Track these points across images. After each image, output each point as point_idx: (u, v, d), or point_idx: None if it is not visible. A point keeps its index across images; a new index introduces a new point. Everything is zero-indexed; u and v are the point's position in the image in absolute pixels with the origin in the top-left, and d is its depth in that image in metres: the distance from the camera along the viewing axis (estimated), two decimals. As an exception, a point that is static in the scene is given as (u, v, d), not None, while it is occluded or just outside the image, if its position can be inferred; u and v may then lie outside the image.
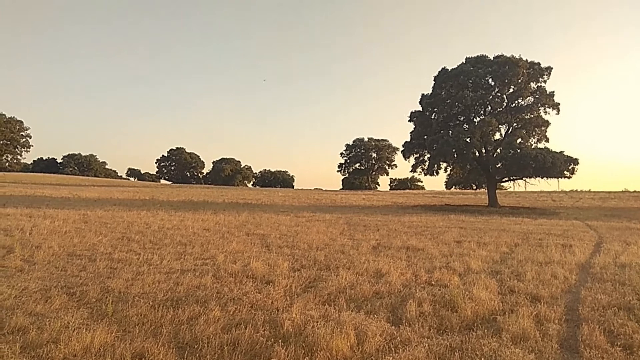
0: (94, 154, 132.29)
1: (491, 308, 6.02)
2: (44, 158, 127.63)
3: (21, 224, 13.91)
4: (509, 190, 64.78)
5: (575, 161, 33.50)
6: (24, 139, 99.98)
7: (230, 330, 4.93)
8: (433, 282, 7.73)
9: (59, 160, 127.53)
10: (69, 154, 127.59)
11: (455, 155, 36.75)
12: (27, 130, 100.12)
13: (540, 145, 37.28)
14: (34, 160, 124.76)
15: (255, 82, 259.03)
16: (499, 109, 37.69)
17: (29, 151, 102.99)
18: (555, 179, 35.20)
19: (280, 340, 4.61)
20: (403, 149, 42.09)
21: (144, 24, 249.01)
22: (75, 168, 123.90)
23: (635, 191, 58.78)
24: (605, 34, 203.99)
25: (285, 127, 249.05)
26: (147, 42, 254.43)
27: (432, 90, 40.28)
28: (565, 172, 33.51)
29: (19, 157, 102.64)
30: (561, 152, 34.03)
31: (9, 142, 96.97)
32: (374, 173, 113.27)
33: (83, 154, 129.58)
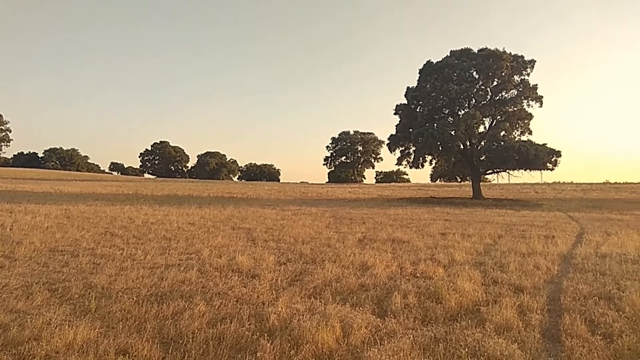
0: (76, 148, 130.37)
1: (475, 299, 6.08)
2: (25, 152, 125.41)
3: (1, 220, 13.64)
4: (493, 182, 65.42)
5: (558, 153, 33.93)
6: (3, 133, 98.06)
7: (216, 324, 4.91)
8: (418, 274, 7.78)
9: (40, 155, 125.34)
10: (50, 148, 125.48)
11: (440, 148, 36.98)
12: (6, 124, 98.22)
13: (524, 138, 37.74)
14: (14, 155, 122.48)
15: (241, 76, 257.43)
16: (483, 102, 38.00)
17: (9, 145, 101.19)
18: (538, 171, 35.68)
19: (266, 334, 4.61)
20: (389, 142, 42.21)
21: (129, 21, 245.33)
22: (57, 162, 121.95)
23: (616, 183, 59.91)
24: (588, 29, 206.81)
25: (272, 121, 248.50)
26: (132, 38, 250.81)
27: (418, 83, 40.41)
28: (548, 165, 33.96)
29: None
30: (544, 144, 34.44)
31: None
32: (359, 166, 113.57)
33: (65, 148, 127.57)
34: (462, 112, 37.95)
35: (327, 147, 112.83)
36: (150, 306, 5.51)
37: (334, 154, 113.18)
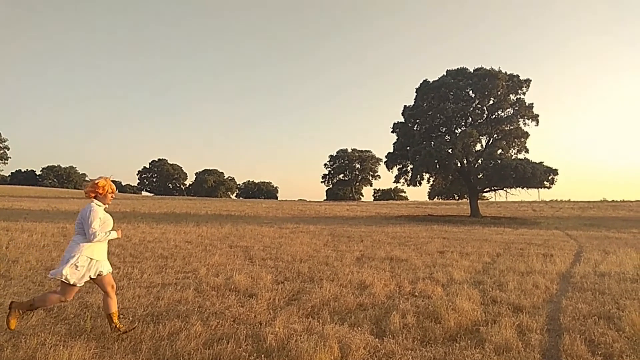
0: (74, 166, 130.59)
1: (474, 319, 6.03)
2: (23, 170, 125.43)
3: (-3, 238, 13.55)
4: (490, 200, 65.68)
5: (555, 171, 34.12)
6: (1, 151, 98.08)
7: (212, 345, 4.84)
8: (417, 293, 7.73)
9: (37, 172, 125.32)
10: (48, 166, 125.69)
11: (438, 166, 37.15)
12: (4, 141, 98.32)
13: (520, 156, 37.96)
14: (12, 173, 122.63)
15: (239, 92, 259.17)
16: (479, 121, 38.33)
17: (6, 163, 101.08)
18: (536, 189, 35.81)
19: (262, 355, 4.54)
20: (386, 159, 42.41)
21: (125, 33, 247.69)
22: (55, 180, 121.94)
23: (613, 201, 60.15)
24: (585, 49, 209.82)
25: (269, 138, 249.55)
26: (129, 52, 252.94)
27: (414, 102, 40.80)
28: (545, 183, 34.13)
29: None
30: (541, 162, 34.64)
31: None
32: (357, 184, 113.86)
33: (63, 166, 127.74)
34: (459, 130, 38.25)
35: (325, 164, 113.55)
36: (146, 326, 5.45)
37: (332, 172, 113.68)
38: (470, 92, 38.25)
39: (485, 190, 40.33)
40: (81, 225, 4.98)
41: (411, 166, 40.09)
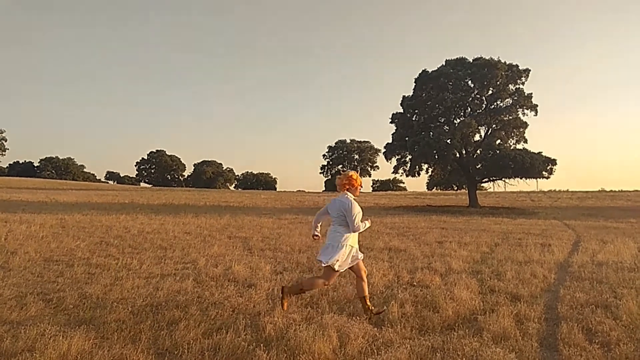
0: (72, 157, 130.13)
1: (472, 308, 6.05)
2: (21, 162, 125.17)
3: (-4, 230, 13.53)
4: (489, 190, 65.65)
5: (553, 162, 34.14)
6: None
7: (211, 335, 4.86)
8: (415, 283, 7.76)
9: (35, 164, 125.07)
10: (46, 158, 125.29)
11: (436, 157, 37.10)
12: (2, 133, 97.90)
13: (519, 146, 37.93)
14: (9, 164, 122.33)
15: (237, 83, 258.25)
16: (478, 111, 38.23)
17: (4, 154, 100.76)
18: (534, 180, 35.85)
19: (262, 345, 4.56)
20: (385, 150, 42.30)
21: (124, 24, 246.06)
22: (53, 172, 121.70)
23: (611, 191, 60.35)
24: (583, 39, 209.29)
25: (268, 129, 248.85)
26: (127, 43, 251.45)
27: (413, 92, 40.60)
28: (544, 173, 34.17)
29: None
30: (539, 152, 34.63)
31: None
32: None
33: (61, 157, 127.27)
34: (458, 120, 38.17)
35: (324, 155, 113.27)
36: (146, 316, 5.46)
37: (331, 163, 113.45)
38: (469, 82, 38.10)
39: (483, 180, 40.34)
40: (342, 217, 5.42)
41: (410, 157, 40.05)
